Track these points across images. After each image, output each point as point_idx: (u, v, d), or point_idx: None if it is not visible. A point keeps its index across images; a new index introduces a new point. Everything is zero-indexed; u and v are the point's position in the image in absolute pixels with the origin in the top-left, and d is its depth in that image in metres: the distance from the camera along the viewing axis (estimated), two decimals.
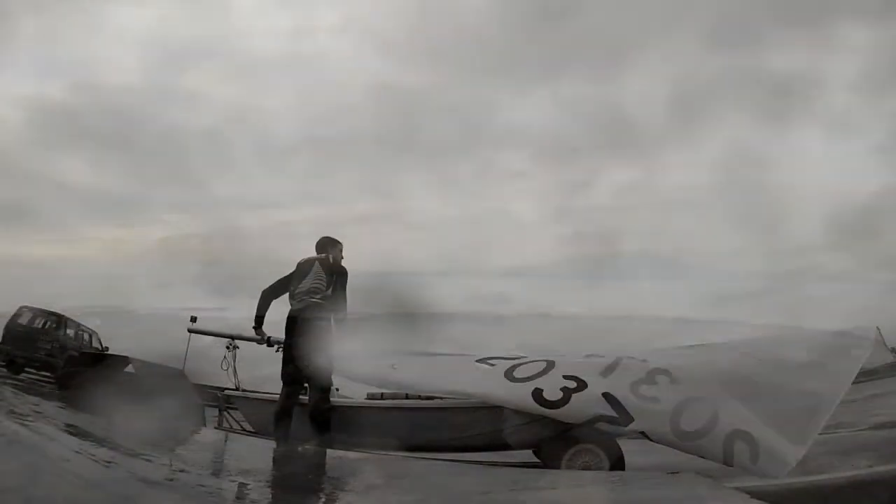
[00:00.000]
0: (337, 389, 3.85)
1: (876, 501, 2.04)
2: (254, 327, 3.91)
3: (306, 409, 3.47)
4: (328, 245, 3.87)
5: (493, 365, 3.42)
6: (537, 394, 3.06)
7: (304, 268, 3.76)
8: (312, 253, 3.87)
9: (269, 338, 3.87)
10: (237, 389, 4.02)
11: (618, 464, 2.90)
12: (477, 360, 3.54)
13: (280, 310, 3.79)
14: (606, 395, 2.98)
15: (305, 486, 2.15)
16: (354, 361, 3.61)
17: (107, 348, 12.47)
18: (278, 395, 3.65)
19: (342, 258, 3.88)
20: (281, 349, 3.74)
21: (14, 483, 1.19)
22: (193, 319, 4.25)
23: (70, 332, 12.00)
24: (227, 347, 4.05)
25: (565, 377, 3.12)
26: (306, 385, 3.60)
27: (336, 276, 3.69)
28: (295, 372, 3.56)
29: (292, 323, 3.63)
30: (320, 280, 3.66)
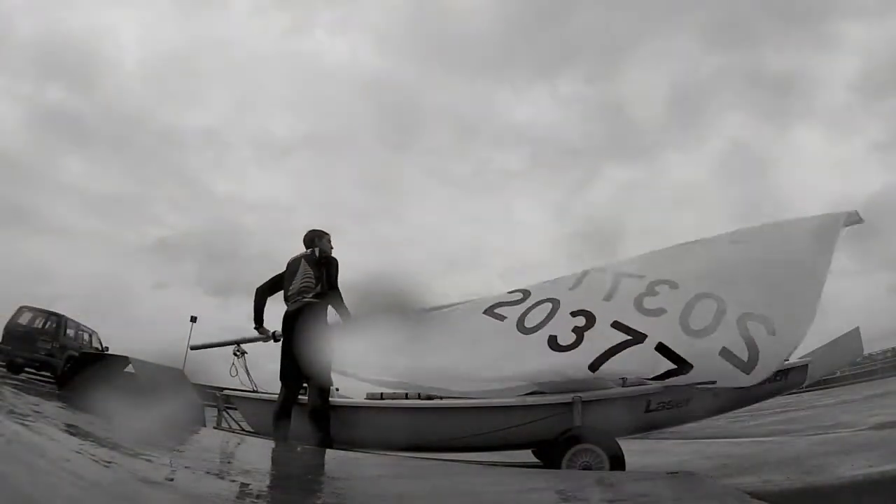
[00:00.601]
0: (337, 389, 3.84)
1: (876, 501, 2.04)
2: (255, 327, 3.91)
3: (306, 409, 3.47)
4: (315, 238, 3.85)
5: (502, 318, 3.45)
6: (552, 341, 3.15)
7: (292, 267, 3.74)
8: (302, 250, 3.86)
9: (273, 333, 3.85)
10: (254, 391, 4.01)
11: (618, 464, 2.89)
12: (484, 312, 3.56)
13: (282, 308, 3.78)
14: (616, 324, 3.04)
15: (305, 486, 2.14)
16: (353, 361, 3.60)
17: (107, 348, 12.52)
18: (277, 395, 3.66)
19: (331, 248, 3.85)
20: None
21: (14, 483, 1.18)
22: (193, 319, 4.31)
23: (70, 332, 12.04)
24: (235, 354, 4.04)
25: (573, 314, 3.19)
26: (305, 385, 3.60)
27: (325, 268, 3.65)
28: (293, 371, 3.56)
29: (290, 321, 3.62)
30: (309, 278, 3.63)
